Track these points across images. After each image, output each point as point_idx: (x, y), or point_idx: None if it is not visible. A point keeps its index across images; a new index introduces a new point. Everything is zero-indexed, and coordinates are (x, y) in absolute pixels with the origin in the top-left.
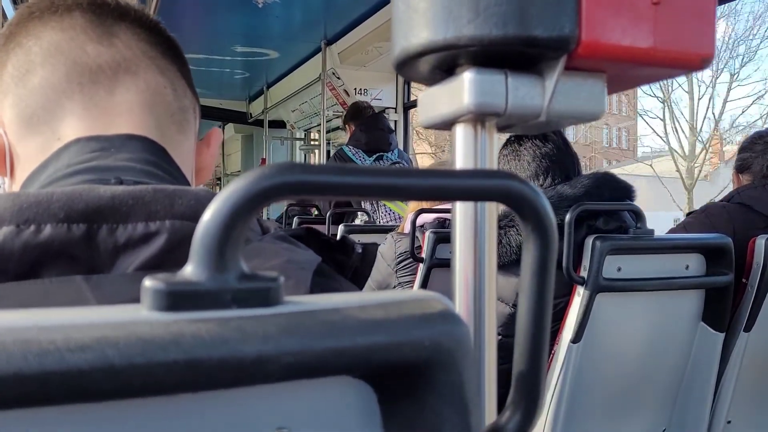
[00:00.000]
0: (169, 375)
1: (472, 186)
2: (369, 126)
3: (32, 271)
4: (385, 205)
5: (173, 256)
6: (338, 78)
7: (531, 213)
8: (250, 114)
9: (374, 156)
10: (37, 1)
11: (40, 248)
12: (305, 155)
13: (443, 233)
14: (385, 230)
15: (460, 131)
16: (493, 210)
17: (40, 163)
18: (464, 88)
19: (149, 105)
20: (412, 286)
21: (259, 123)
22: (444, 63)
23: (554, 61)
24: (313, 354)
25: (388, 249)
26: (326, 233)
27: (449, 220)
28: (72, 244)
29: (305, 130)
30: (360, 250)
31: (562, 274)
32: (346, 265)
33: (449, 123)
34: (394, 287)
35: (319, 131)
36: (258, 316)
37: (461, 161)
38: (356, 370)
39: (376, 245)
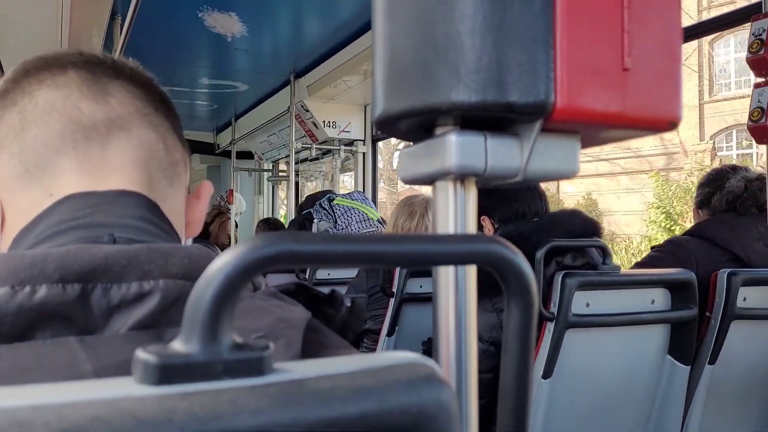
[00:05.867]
0: None
1: (455, 251)
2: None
3: (27, 333)
4: (356, 209)
5: (166, 315)
6: (307, 110)
7: (512, 275)
8: (218, 145)
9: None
10: (33, 60)
11: (36, 310)
12: (273, 186)
13: (414, 268)
14: None
15: (440, 189)
16: (472, 270)
17: (32, 219)
18: (446, 150)
19: (142, 161)
20: (383, 321)
21: (226, 154)
22: (424, 123)
23: (531, 124)
24: (305, 424)
25: (360, 282)
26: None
27: None
28: (67, 304)
29: (273, 162)
30: (349, 304)
31: None
32: (334, 319)
33: (429, 180)
34: (366, 320)
35: (287, 162)
36: (249, 386)
37: (441, 218)
38: None
39: (363, 297)
